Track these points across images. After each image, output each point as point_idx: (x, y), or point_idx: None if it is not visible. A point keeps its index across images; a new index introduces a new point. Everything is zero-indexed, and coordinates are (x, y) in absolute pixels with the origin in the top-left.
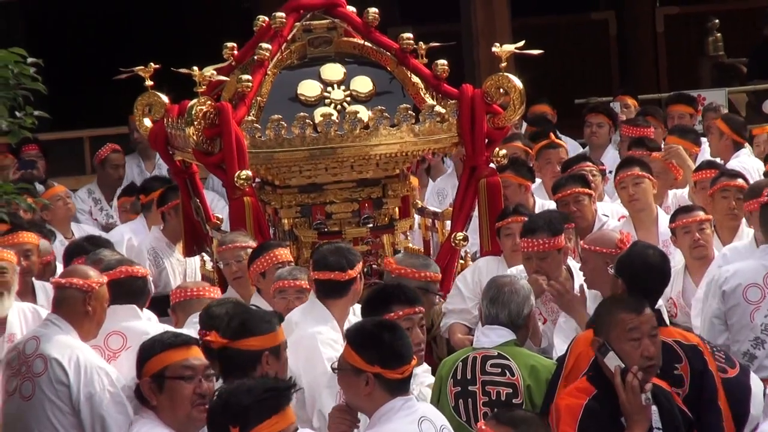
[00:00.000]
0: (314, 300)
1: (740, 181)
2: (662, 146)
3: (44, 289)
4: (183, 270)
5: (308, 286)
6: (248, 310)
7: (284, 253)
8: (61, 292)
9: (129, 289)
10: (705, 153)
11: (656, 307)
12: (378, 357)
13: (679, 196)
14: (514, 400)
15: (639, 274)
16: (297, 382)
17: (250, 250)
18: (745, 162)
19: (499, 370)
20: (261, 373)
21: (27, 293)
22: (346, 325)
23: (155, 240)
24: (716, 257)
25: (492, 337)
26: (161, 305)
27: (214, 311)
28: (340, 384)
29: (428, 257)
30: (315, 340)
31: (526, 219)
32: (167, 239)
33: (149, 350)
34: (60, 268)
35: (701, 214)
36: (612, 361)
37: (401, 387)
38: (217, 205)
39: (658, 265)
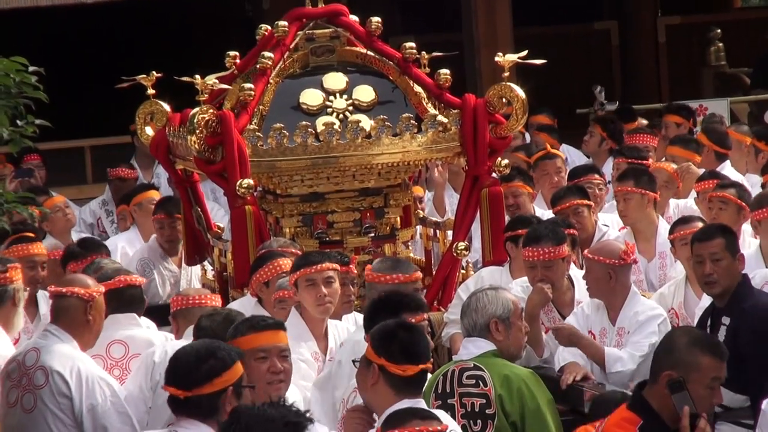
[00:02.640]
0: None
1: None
2: (663, 157)
3: (46, 299)
4: (176, 281)
5: None
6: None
7: (287, 263)
8: (61, 302)
9: (128, 298)
10: None
11: None
12: (385, 349)
13: (682, 206)
14: (487, 411)
15: None
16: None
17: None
18: (729, 174)
19: (474, 381)
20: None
21: (30, 303)
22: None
23: (149, 250)
24: None
25: (470, 349)
26: (147, 315)
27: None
28: (357, 379)
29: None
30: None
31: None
32: (162, 249)
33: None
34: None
35: (699, 225)
36: (682, 400)
37: (406, 388)
38: (217, 214)
39: None
